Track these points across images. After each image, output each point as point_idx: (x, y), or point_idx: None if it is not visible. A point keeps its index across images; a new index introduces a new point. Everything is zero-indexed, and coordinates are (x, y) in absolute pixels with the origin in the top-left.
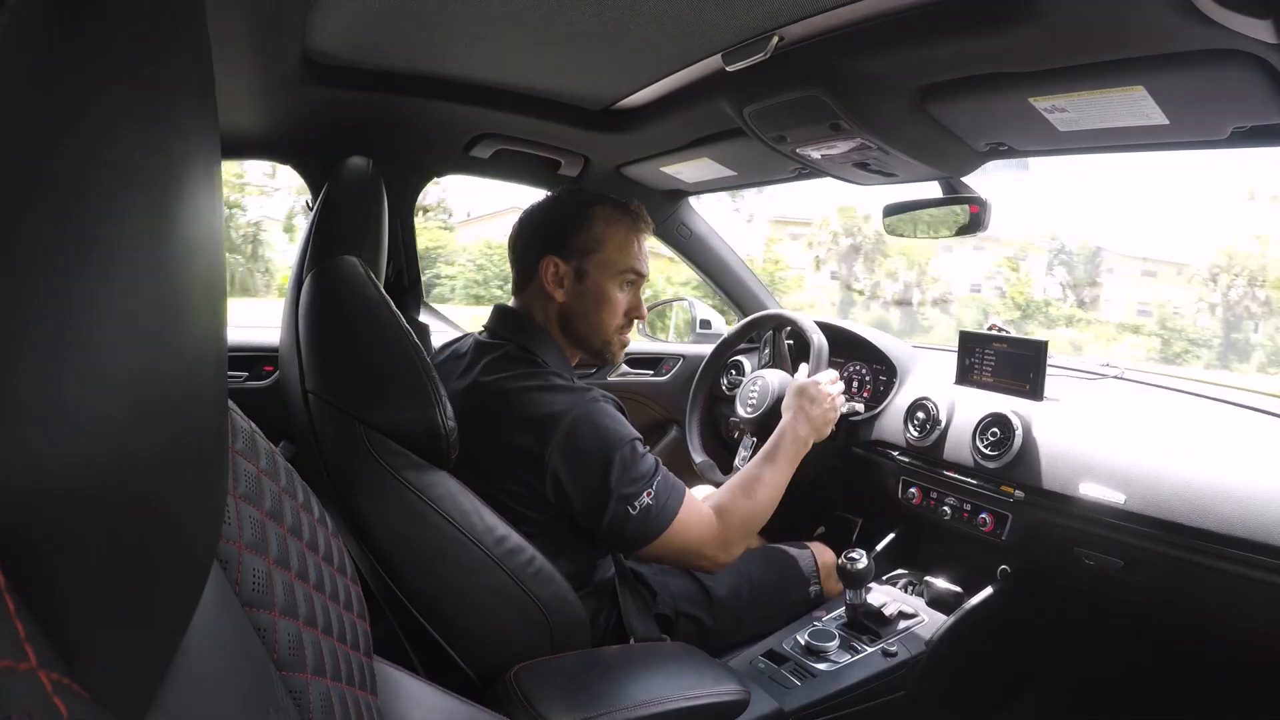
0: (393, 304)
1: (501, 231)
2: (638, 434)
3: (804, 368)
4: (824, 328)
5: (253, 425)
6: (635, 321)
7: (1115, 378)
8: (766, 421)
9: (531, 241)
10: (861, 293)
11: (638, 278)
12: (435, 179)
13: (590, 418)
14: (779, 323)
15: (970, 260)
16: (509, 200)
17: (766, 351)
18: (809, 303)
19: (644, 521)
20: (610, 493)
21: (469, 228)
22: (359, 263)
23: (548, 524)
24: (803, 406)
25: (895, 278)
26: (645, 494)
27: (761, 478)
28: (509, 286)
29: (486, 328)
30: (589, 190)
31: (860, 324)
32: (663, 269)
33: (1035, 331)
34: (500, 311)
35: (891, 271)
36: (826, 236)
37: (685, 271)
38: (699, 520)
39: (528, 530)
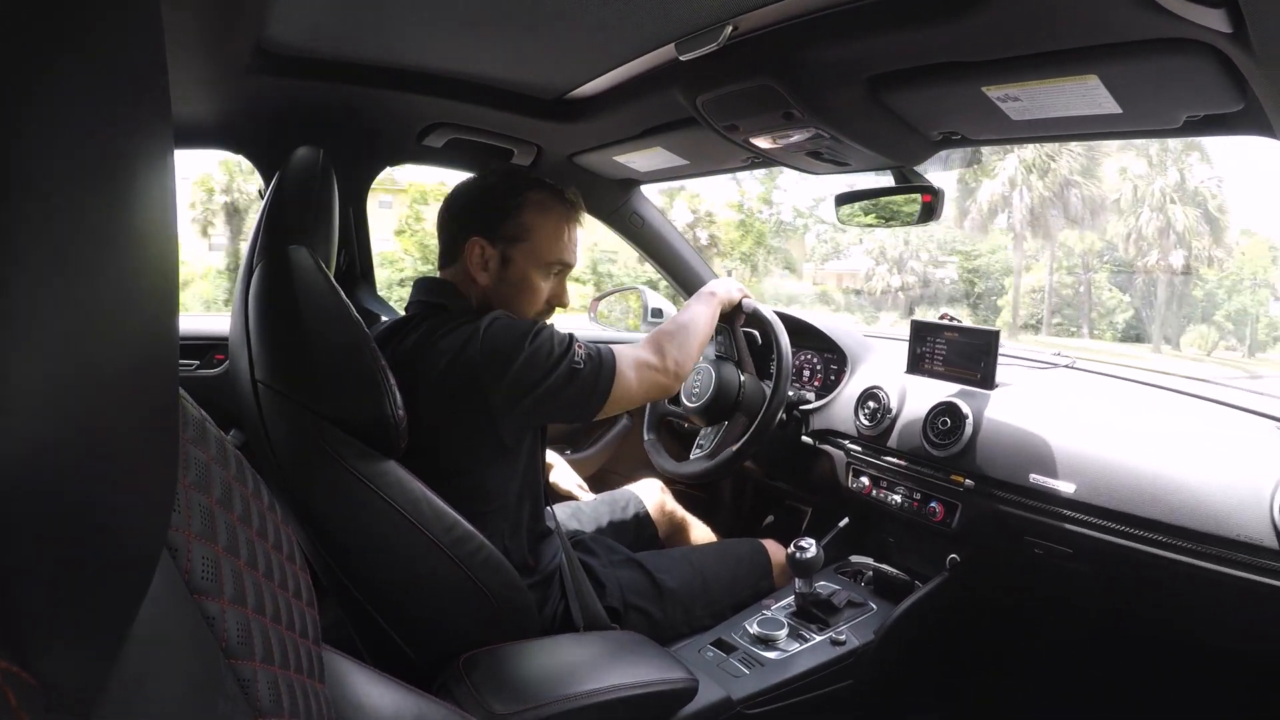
0: (343, 294)
1: None
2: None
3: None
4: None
5: (203, 413)
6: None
7: (1066, 366)
8: (709, 410)
9: (460, 220)
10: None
11: (564, 268)
12: (389, 167)
13: (496, 324)
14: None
15: (380, 217)
16: None
17: (719, 339)
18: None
19: (595, 371)
20: (550, 367)
21: None
22: (309, 253)
23: (501, 455)
24: (709, 287)
25: None
26: (577, 347)
27: (682, 314)
28: None
29: (410, 301)
30: (524, 173)
31: (812, 313)
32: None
33: (429, 271)
34: (418, 283)
35: None
36: (203, 195)
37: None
38: (633, 348)
39: (479, 468)
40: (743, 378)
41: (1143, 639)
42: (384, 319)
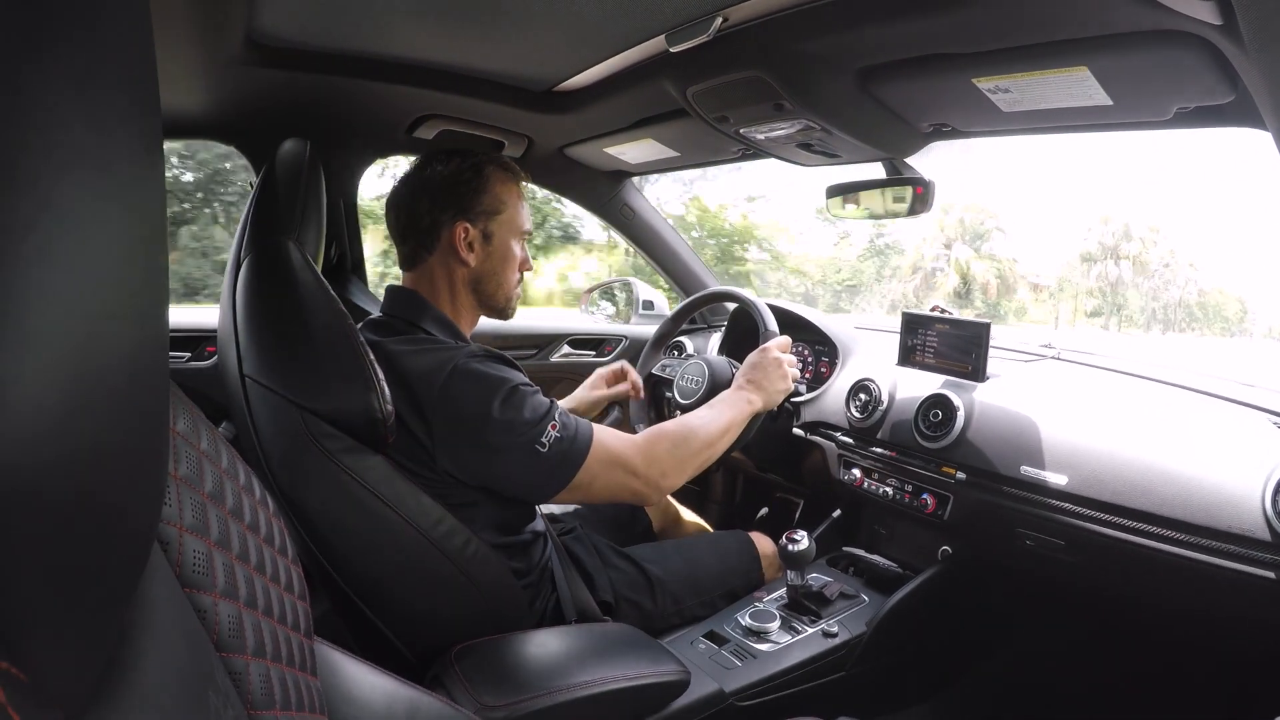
0: (330, 288)
1: None
2: (525, 379)
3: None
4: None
5: (194, 406)
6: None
7: (1054, 358)
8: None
9: (433, 210)
10: None
11: (530, 233)
12: (378, 159)
13: (466, 371)
14: (718, 299)
15: None
16: None
17: (716, 335)
18: None
19: (561, 456)
20: (512, 439)
21: None
22: (297, 246)
23: (452, 492)
24: (755, 376)
25: None
26: (550, 427)
27: (701, 415)
28: None
29: (381, 310)
30: (471, 149)
31: (803, 305)
32: None
33: None
34: (391, 293)
35: None
36: None
37: None
38: (619, 440)
39: (446, 502)
40: (735, 370)
41: (1134, 630)
42: (372, 314)
